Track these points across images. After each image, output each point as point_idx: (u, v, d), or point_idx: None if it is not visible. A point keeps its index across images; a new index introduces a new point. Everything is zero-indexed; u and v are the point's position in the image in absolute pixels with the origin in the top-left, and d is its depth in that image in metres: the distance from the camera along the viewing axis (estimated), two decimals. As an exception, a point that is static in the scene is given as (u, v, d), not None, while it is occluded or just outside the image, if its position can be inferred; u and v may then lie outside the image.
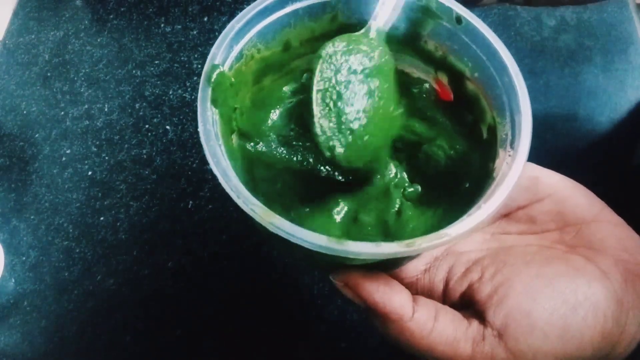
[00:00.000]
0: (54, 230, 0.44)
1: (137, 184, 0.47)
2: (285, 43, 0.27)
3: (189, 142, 0.49)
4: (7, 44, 0.57)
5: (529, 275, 0.24)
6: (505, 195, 0.21)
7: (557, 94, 0.49)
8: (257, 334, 0.39)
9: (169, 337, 0.39)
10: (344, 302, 0.40)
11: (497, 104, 0.24)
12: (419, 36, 0.27)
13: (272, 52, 0.27)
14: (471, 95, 0.26)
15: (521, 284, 0.24)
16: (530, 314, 0.23)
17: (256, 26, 0.25)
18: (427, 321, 0.24)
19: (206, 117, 0.23)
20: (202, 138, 0.23)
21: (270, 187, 0.27)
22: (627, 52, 0.51)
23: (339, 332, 0.39)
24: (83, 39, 0.57)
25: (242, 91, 0.26)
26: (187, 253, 0.43)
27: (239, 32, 0.25)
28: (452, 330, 0.24)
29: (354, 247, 0.20)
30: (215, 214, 0.44)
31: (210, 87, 0.24)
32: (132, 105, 0.51)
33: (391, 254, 0.20)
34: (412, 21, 0.26)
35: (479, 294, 0.25)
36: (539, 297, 0.24)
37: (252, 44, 0.26)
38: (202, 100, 0.23)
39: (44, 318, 0.41)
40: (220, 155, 0.22)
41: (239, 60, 0.25)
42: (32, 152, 0.49)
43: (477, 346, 0.24)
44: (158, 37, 0.56)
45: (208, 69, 0.24)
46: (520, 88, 0.23)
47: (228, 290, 0.41)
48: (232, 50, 0.25)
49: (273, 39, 0.26)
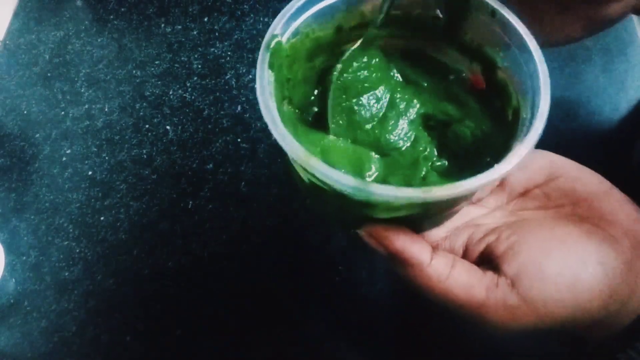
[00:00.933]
0: (54, 230, 0.45)
1: (137, 184, 0.47)
2: (338, 26, 0.29)
3: (189, 142, 0.49)
4: (8, 44, 0.57)
5: (543, 235, 0.27)
6: (519, 157, 0.23)
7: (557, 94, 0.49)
8: (257, 334, 0.39)
9: (169, 337, 0.39)
10: (344, 302, 0.40)
11: (521, 88, 0.26)
12: (459, 28, 0.29)
13: (325, 33, 0.29)
14: (501, 82, 0.28)
15: (535, 241, 0.26)
16: (542, 266, 0.25)
17: (313, 7, 0.28)
18: (444, 268, 0.26)
19: (263, 76, 0.25)
20: (258, 91, 0.25)
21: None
22: (627, 52, 0.51)
23: (339, 332, 0.39)
24: (83, 39, 0.57)
25: (295, 64, 0.29)
26: (187, 253, 0.43)
27: (297, 10, 0.27)
28: (467, 277, 0.26)
29: (377, 188, 0.22)
30: (215, 214, 0.44)
31: (269, 53, 0.26)
32: (132, 105, 0.51)
33: (409, 198, 0.22)
34: (454, 14, 0.29)
35: (495, 251, 0.27)
36: (551, 253, 0.26)
37: (307, 23, 0.28)
38: (261, 63, 0.26)
39: (44, 318, 0.41)
40: (272, 106, 0.24)
41: (295, 36, 0.28)
42: (32, 152, 0.49)
43: (490, 292, 0.25)
44: (158, 37, 0.56)
45: (268, 37, 0.26)
46: (542, 72, 0.25)
47: (228, 290, 0.41)
48: (290, 27, 0.27)
49: (327, 21, 0.29)
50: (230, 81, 0.52)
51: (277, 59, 0.27)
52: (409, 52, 0.31)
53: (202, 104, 0.51)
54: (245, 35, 0.55)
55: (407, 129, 0.29)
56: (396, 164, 0.29)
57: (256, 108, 0.52)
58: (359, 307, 0.40)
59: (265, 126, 0.51)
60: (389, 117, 0.29)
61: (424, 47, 0.31)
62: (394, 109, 0.29)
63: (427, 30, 0.30)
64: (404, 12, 0.29)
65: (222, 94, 0.51)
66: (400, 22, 0.30)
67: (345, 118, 0.30)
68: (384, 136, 0.29)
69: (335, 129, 0.29)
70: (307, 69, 0.30)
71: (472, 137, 0.28)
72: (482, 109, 0.29)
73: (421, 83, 0.31)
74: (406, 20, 0.30)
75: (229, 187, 0.46)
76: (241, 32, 0.56)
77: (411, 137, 0.29)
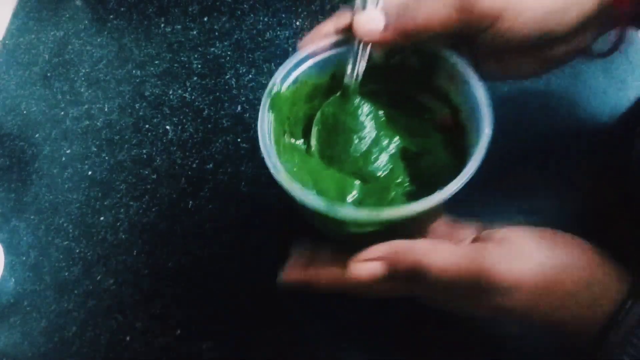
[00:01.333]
0: (54, 230, 0.45)
1: (137, 184, 0.47)
2: (332, 74, 0.34)
3: (189, 142, 0.49)
4: (7, 44, 0.57)
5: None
6: (459, 185, 0.27)
7: (557, 94, 0.49)
8: (257, 334, 0.39)
9: (169, 337, 0.39)
10: (344, 302, 0.40)
11: (476, 129, 0.30)
12: (429, 75, 0.34)
13: (321, 80, 0.34)
14: (462, 122, 0.32)
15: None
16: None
17: (310, 60, 0.33)
18: (444, 248, 0.28)
19: (264, 118, 0.31)
20: (259, 131, 0.30)
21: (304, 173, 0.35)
22: (627, 52, 0.51)
23: (340, 332, 0.39)
24: (83, 39, 0.57)
25: (296, 106, 0.34)
26: (187, 253, 0.43)
27: (296, 64, 0.32)
28: (459, 249, 0.28)
29: (341, 210, 0.27)
30: (215, 214, 0.44)
31: (270, 98, 0.31)
32: (132, 105, 0.51)
33: (365, 218, 0.27)
34: (424, 64, 0.34)
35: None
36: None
37: (306, 73, 0.33)
38: (262, 107, 0.31)
39: (44, 318, 0.41)
40: (270, 143, 0.30)
41: (295, 84, 0.33)
42: (32, 152, 0.49)
43: (484, 251, 0.28)
44: (158, 37, 0.56)
45: (270, 86, 0.32)
46: (488, 118, 0.29)
47: (228, 290, 0.41)
48: (290, 76, 0.32)
49: (322, 71, 0.34)
50: (230, 81, 0.52)
51: (277, 102, 0.32)
52: (390, 93, 0.36)
53: (202, 104, 0.51)
54: (245, 35, 0.55)
55: (386, 161, 0.34)
56: (373, 188, 0.34)
57: (256, 108, 0.52)
58: (359, 307, 0.40)
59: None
60: (373, 152, 0.35)
61: (403, 88, 0.36)
62: (377, 145, 0.35)
63: (404, 76, 0.35)
64: (383, 61, 0.34)
65: (222, 94, 0.51)
66: (380, 70, 0.34)
67: (333, 151, 0.35)
68: (366, 167, 0.34)
69: (325, 160, 0.35)
70: (307, 108, 0.35)
71: (436, 167, 0.33)
72: (447, 145, 0.34)
73: (400, 120, 0.35)
74: (385, 68, 0.34)
75: (229, 187, 0.46)
76: (241, 32, 0.56)
77: (388, 168, 0.34)
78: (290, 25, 0.56)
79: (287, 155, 0.34)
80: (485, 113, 0.29)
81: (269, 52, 0.54)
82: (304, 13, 0.57)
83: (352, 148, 0.35)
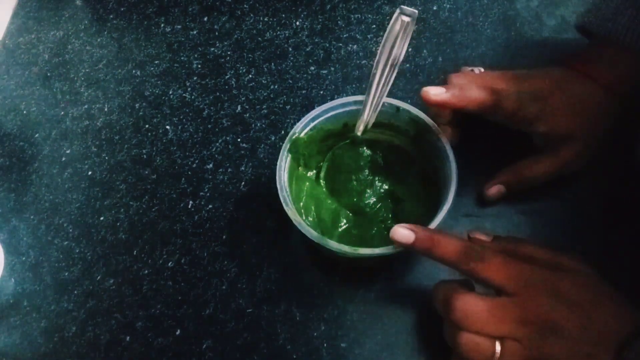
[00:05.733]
0: (54, 230, 0.45)
1: (137, 184, 0.47)
2: (345, 123, 0.42)
3: (189, 142, 0.49)
4: (7, 44, 0.57)
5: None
6: (435, 225, 0.35)
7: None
8: (257, 334, 0.39)
9: (169, 337, 0.39)
10: (344, 302, 0.40)
11: (445, 192, 0.37)
12: (420, 140, 0.42)
13: (335, 127, 0.42)
14: (441, 178, 0.39)
15: None
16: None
17: (326, 114, 0.41)
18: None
19: (282, 157, 0.39)
20: (278, 162, 0.38)
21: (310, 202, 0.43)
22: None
23: (339, 332, 0.39)
24: (83, 39, 0.57)
25: (311, 145, 0.42)
26: (187, 253, 0.43)
27: (315, 116, 0.40)
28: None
29: (328, 242, 0.35)
30: (215, 214, 0.44)
31: (290, 143, 0.39)
32: (132, 105, 0.51)
33: (347, 251, 0.35)
34: (417, 132, 0.42)
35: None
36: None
37: (322, 122, 0.41)
38: (283, 149, 0.39)
39: (44, 318, 0.41)
40: (283, 176, 0.38)
41: (312, 130, 0.41)
42: (32, 152, 0.49)
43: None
44: (158, 37, 0.56)
45: (291, 134, 0.40)
46: (452, 191, 0.36)
47: (228, 290, 0.41)
48: (308, 126, 0.40)
49: (336, 120, 0.42)
50: (230, 81, 0.52)
51: (295, 145, 0.40)
52: (388, 143, 0.44)
53: (202, 104, 0.51)
54: (245, 35, 0.55)
55: (375, 201, 0.42)
56: (361, 221, 0.41)
57: (256, 108, 0.52)
58: (359, 307, 0.40)
59: (264, 126, 0.52)
60: (366, 192, 0.42)
61: (399, 142, 0.44)
62: (371, 187, 0.42)
63: (400, 135, 0.43)
64: (384, 122, 0.42)
65: (222, 94, 0.51)
66: (381, 127, 0.42)
67: (336, 185, 0.43)
68: (359, 203, 0.42)
69: (329, 190, 0.43)
70: (321, 147, 0.43)
71: (413, 214, 0.40)
72: (426, 194, 0.41)
73: (394, 168, 0.43)
74: (386, 126, 0.42)
75: (229, 187, 0.46)
76: (241, 32, 0.56)
77: (377, 206, 0.42)
78: (290, 25, 0.56)
79: (300, 183, 0.42)
80: (452, 187, 0.36)
81: (269, 52, 0.54)
82: (304, 13, 0.57)
83: (351, 186, 0.42)
